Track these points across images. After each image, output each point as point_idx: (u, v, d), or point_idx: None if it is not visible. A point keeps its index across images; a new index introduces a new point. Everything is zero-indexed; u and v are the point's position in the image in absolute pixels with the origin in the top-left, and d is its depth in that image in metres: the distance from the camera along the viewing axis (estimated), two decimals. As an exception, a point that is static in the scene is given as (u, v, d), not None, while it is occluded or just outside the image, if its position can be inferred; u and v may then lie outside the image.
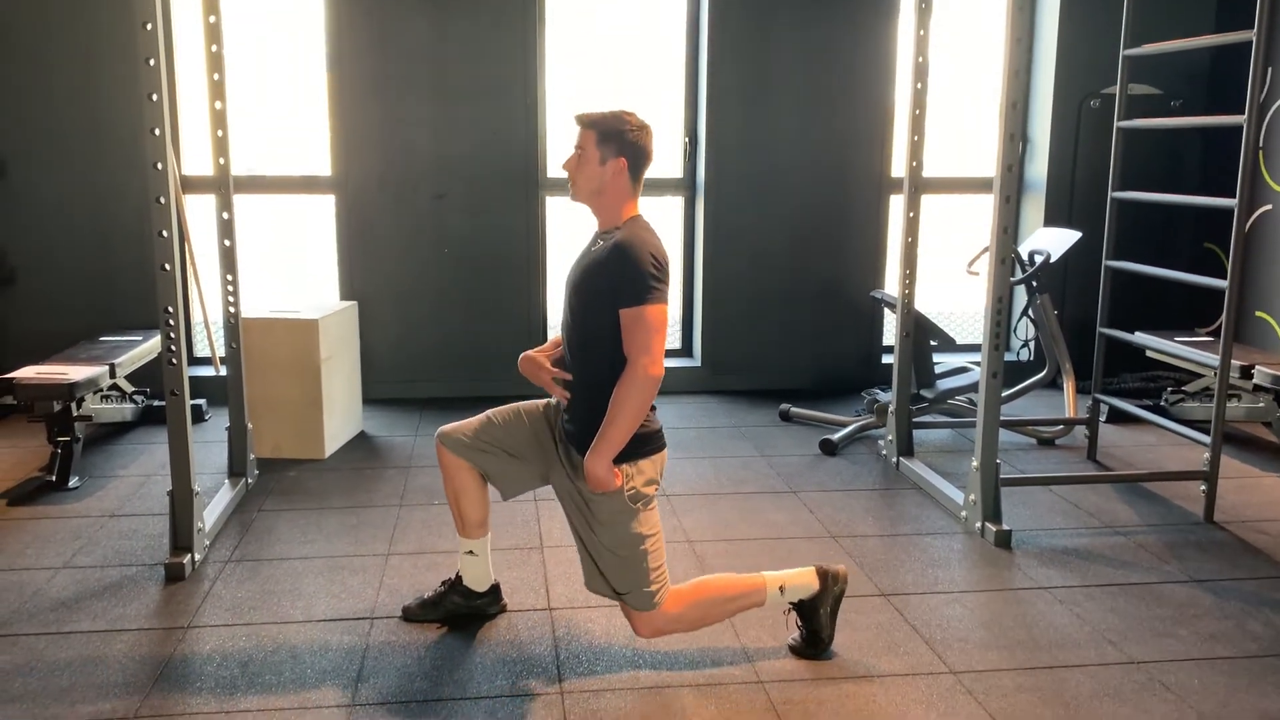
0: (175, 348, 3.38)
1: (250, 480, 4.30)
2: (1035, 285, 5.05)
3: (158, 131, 3.23)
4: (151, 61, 3.20)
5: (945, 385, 4.93)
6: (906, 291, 4.55)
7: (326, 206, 5.59)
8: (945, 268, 5.82)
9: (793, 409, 5.36)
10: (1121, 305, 4.68)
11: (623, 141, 2.71)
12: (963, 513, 3.94)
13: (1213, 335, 4.93)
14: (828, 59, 5.68)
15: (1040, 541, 3.78)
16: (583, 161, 2.73)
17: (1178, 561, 3.61)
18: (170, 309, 3.35)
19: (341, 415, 4.89)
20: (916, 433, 4.76)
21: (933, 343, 4.84)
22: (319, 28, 5.36)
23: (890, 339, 5.35)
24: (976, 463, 3.80)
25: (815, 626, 2.91)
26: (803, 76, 5.68)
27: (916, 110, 4.36)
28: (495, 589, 3.17)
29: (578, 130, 2.75)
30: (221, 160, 4.08)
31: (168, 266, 3.31)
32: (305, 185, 5.69)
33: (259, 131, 5.83)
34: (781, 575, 2.91)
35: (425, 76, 5.42)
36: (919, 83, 4.33)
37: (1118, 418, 5.21)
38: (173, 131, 4.91)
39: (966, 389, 4.92)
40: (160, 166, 3.24)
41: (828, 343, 5.99)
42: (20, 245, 5.30)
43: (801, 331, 5.95)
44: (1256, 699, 2.73)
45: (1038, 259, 4.99)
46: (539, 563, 3.56)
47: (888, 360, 5.78)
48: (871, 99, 5.77)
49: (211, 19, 3.98)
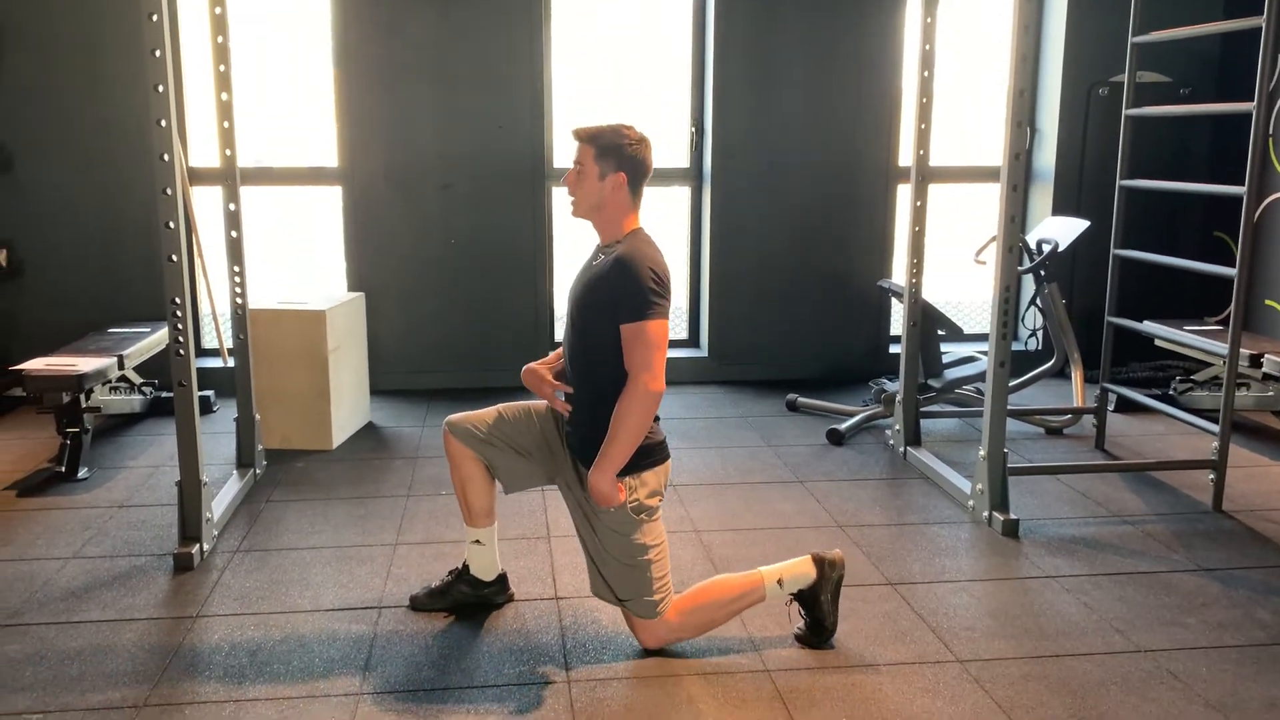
0: (183, 339, 3.39)
1: (258, 471, 4.32)
2: (1043, 274, 5.03)
3: (164, 123, 3.23)
4: (157, 53, 3.20)
5: (953, 375, 4.92)
6: (914, 281, 4.54)
7: (333, 198, 5.60)
8: (953, 257, 5.80)
9: (799, 399, 5.36)
10: (1130, 294, 4.66)
11: (621, 156, 2.70)
12: (970, 502, 3.93)
13: (1222, 324, 4.91)
14: (834, 47, 5.66)
15: (1048, 530, 3.77)
16: (582, 177, 2.73)
17: (1186, 550, 3.60)
18: (178, 300, 3.36)
19: (349, 406, 4.90)
20: (924, 422, 4.75)
21: (940, 332, 4.83)
22: (325, 20, 5.36)
23: (897, 329, 5.34)
24: (984, 452, 3.79)
25: (818, 615, 2.91)
26: (809, 65, 5.66)
27: (923, 99, 4.34)
28: (502, 578, 3.18)
29: (576, 146, 2.74)
30: (228, 152, 4.09)
31: (174, 258, 3.32)
32: (312, 177, 5.69)
33: (266, 124, 5.83)
34: (778, 568, 2.92)
35: (431, 69, 5.42)
36: (926, 71, 4.32)
37: (1126, 407, 5.20)
38: (179, 123, 4.93)
39: (974, 378, 4.91)
40: (167, 158, 3.24)
41: (835, 332, 5.99)
42: (28, 238, 5.32)
43: (808, 321, 5.95)
44: (1264, 687, 2.73)
45: (1046, 248, 4.97)
46: (546, 552, 3.57)
47: (895, 350, 5.77)
48: (878, 87, 5.75)
49: (217, 10, 3.98)
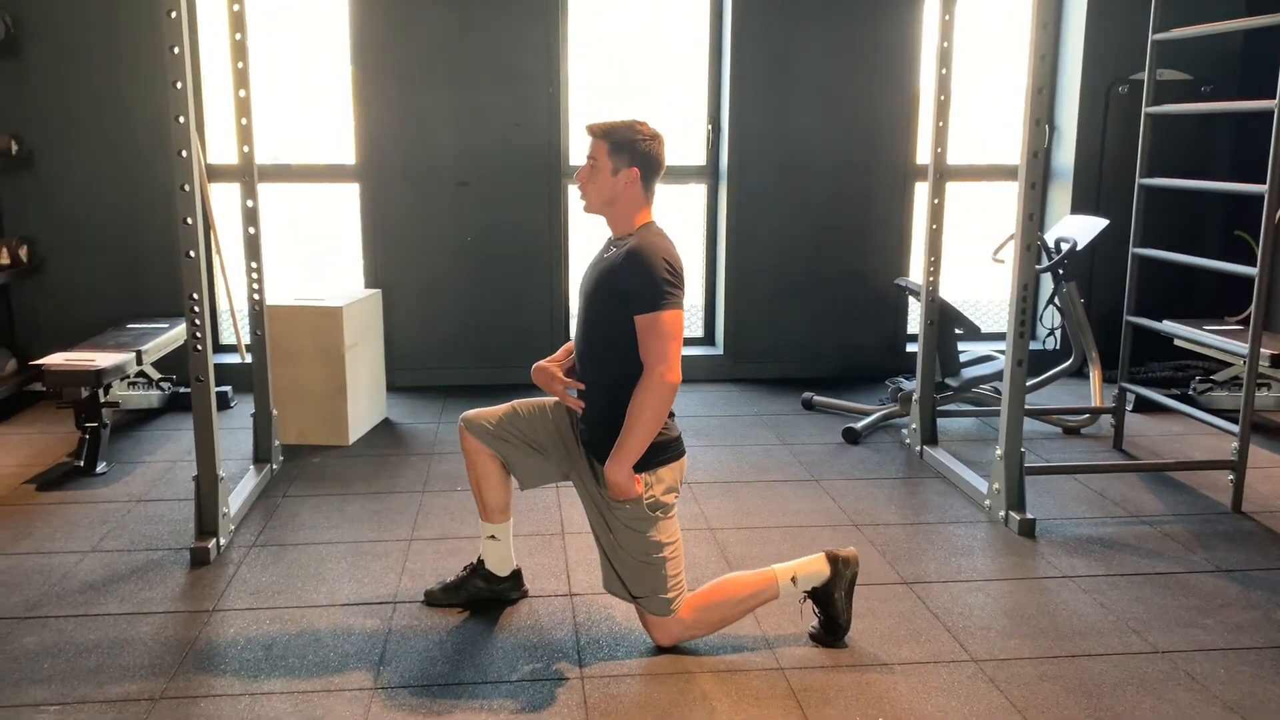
0: (200, 334, 3.41)
1: (275, 466, 4.34)
2: (1062, 273, 5.00)
3: (182, 119, 3.25)
4: (176, 49, 3.22)
5: (970, 374, 4.90)
6: (931, 279, 4.52)
7: (351, 195, 5.62)
8: (970, 255, 5.78)
9: (815, 397, 5.34)
10: (1149, 293, 4.63)
11: (635, 151, 2.71)
12: (986, 501, 3.92)
13: (1242, 324, 4.87)
14: (852, 44, 5.64)
15: (1065, 530, 3.75)
16: (595, 172, 2.73)
17: (1204, 551, 3.58)
18: (195, 296, 3.37)
19: (365, 402, 4.92)
20: (941, 421, 4.73)
21: (957, 331, 4.81)
22: (343, 18, 5.38)
23: (914, 327, 5.32)
24: (1001, 451, 3.77)
25: (832, 612, 2.90)
26: (827, 62, 5.64)
27: (941, 96, 4.32)
28: (517, 574, 3.18)
29: (589, 141, 2.74)
30: (246, 148, 4.10)
31: (192, 254, 3.34)
32: (330, 174, 5.71)
33: (285, 121, 5.86)
34: (792, 566, 2.91)
35: (448, 66, 5.43)
36: (944, 68, 4.30)
37: (1144, 407, 5.17)
38: (198, 120, 4.95)
39: (991, 377, 4.89)
40: (185, 154, 3.26)
41: (851, 331, 5.97)
42: (49, 234, 5.36)
43: (825, 319, 5.93)
44: (1283, 689, 2.71)
45: (1064, 246, 4.94)
46: (560, 548, 3.57)
47: (912, 348, 5.75)
48: (896, 85, 5.73)
49: (235, 8, 4.00)
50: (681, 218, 5.97)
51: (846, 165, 5.77)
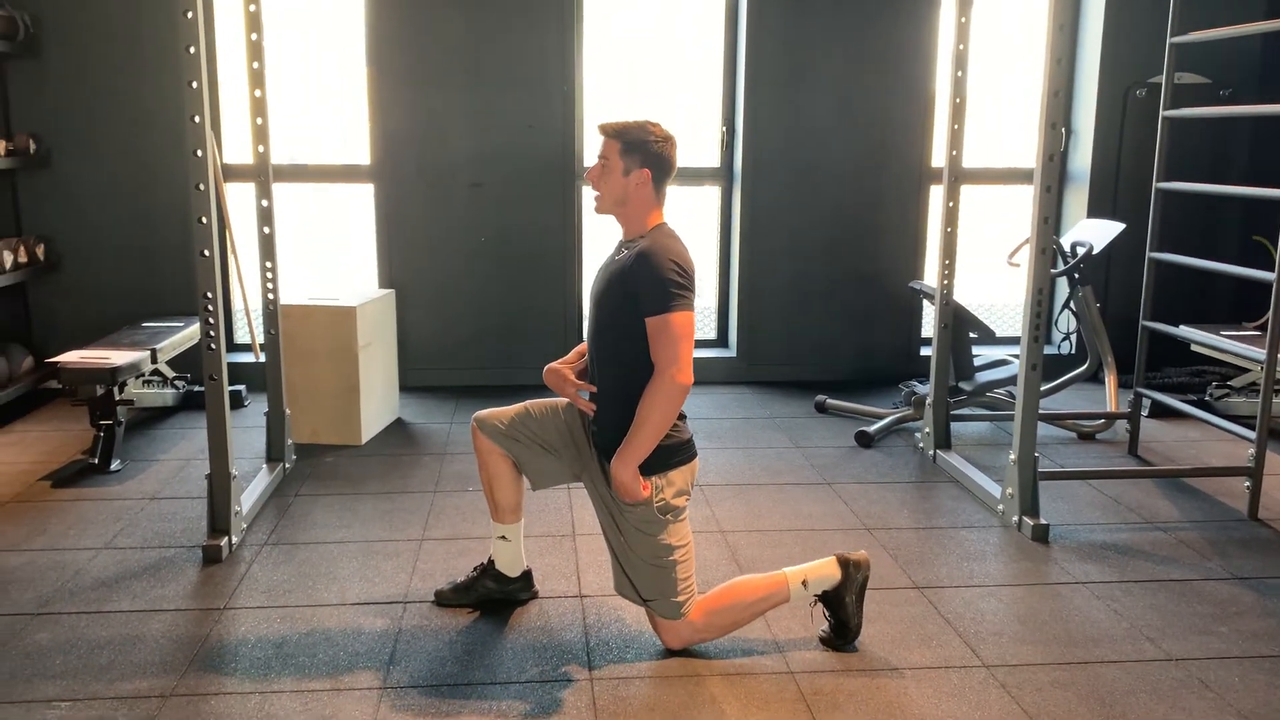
0: (214, 333, 3.42)
1: (288, 465, 4.35)
2: (1077, 277, 4.98)
3: (197, 119, 3.26)
4: (191, 49, 3.23)
5: (984, 378, 4.87)
6: (946, 283, 4.50)
7: (365, 196, 5.63)
8: (986, 259, 5.75)
9: (828, 400, 5.33)
10: (1166, 298, 4.60)
11: (647, 153, 2.70)
12: (1000, 506, 3.89)
13: (1260, 329, 4.83)
14: (867, 46, 5.63)
15: (1078, 536, 3.72)
16: (606, 172, 2.73)
17: (1220, 558, 3.55)
18: (209, 294, 3.38)
19: (378, 402, 4.93)
20: (954, 426, 4.71)
21: (972, 335, 4.79)
22: (359, 19, 5.40)
23: (929, 331, 5.30)
24: (1014, 456, 3.75)
25: (843, 616, 2.89)
26: (842, 64, 5.63)
27: (957, 99, 4.30)
28: (527, 575, 3.18)
29: (601, 140, 2.74)
30: (261, 148, 4.12)
31: (206, 253, 3.35)
32: (345, 174, 5.73)
33: (301, 122, 5.88)
34: (803, 569, 2.90)
35: (463, 67, 5.44)
36: (959, 71, 4.28)
37: (1160, 412, 5.13)
38: (214, 119, 4.98)
39: (1006, 382, 4.86)
40: (200, 154, 3.27)
41: (865, 334, 5.95)
42: (66, 233, 5.39)
43: (838, 322, 5.91)
44: (1299, 699, 2.68)
45: (1080, 250, 4.91)
46: (571, 550, 3.57)
47: (926, 352, 5.73)
48: (911, 87, 5.71)
49: (252, 8, 4.01)
50: (695, 220, 5.97)
51: (861, 167, 5.76)
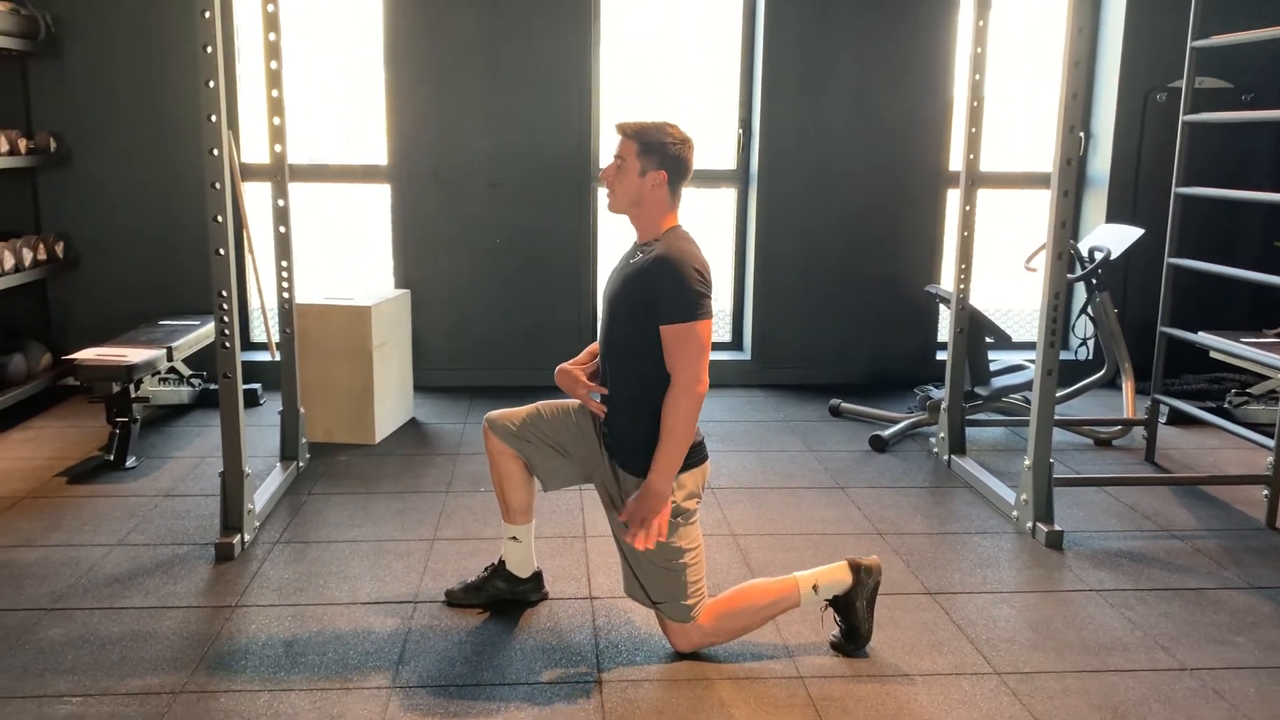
0: (228, 331, 3.43)
1: (301, 464, 4.36)
2: (1095, 282, 4.94)
3: (214, 118, 3.28)
4: (209, 49, 3.25)
5: (1000, 383, 4.85)
6: (962, 287, 4.48)
7: (382, 196, 5.65)
8: (1002, 264, 5.72)
9: (843, 404, 5.30)
10: (1184, 304, 4.55)
11: (664, 154, 2.69)
12: (1014, 512, 3.87)
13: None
14: (884, 50, 5.61)
15: (1093, 543, 3.69)
16: (622, 172, 2.72)
17: (1236, 567, 3.51)
18: (224, 293, 3.40)
19: (393, 401, 4.94)
20: (969, 431, 4.68)
21: (988, 339, 4.76)
22: (376, 20, 5.41)
23: (945, 335, 5.27)
24: (1029, 462, 3.73)
25: (853, 621, 2.88)
26: (859, 68, 5.61)
27: (974, 102, 4.28)
28: (537, 576, 3.18)
29: (618, 139, 2.73)
30: (278, 148, 4.13)
31: (222, 251, 3.36)
32: (362, 174, 5.74)
33: (319, 122, 5.89)
34: (814, 574, 2.89)
35: (479, 69, 5.45)
36: (977, 74, 4.26)
37: (1178, 419, 5.09)
38: (231, 119, 4.99)
39: (1021, 387, 4.83)
40: (216, 153, 3.29)
41: (880, 338, 5.92)
42: (85, 231, 5.43)
43: (854, 326, 5.89)
44: (1315, 710, 2.65)
45: (1098, 255, 4.88)
46: (581, 552, 3.56)
47: (942, 356, 5.69)
48: (929, 91, 5.68)
49: (270, 8, 4.03)
50: (711, 221, 5.96)
51: (878, 171, 5.73)
